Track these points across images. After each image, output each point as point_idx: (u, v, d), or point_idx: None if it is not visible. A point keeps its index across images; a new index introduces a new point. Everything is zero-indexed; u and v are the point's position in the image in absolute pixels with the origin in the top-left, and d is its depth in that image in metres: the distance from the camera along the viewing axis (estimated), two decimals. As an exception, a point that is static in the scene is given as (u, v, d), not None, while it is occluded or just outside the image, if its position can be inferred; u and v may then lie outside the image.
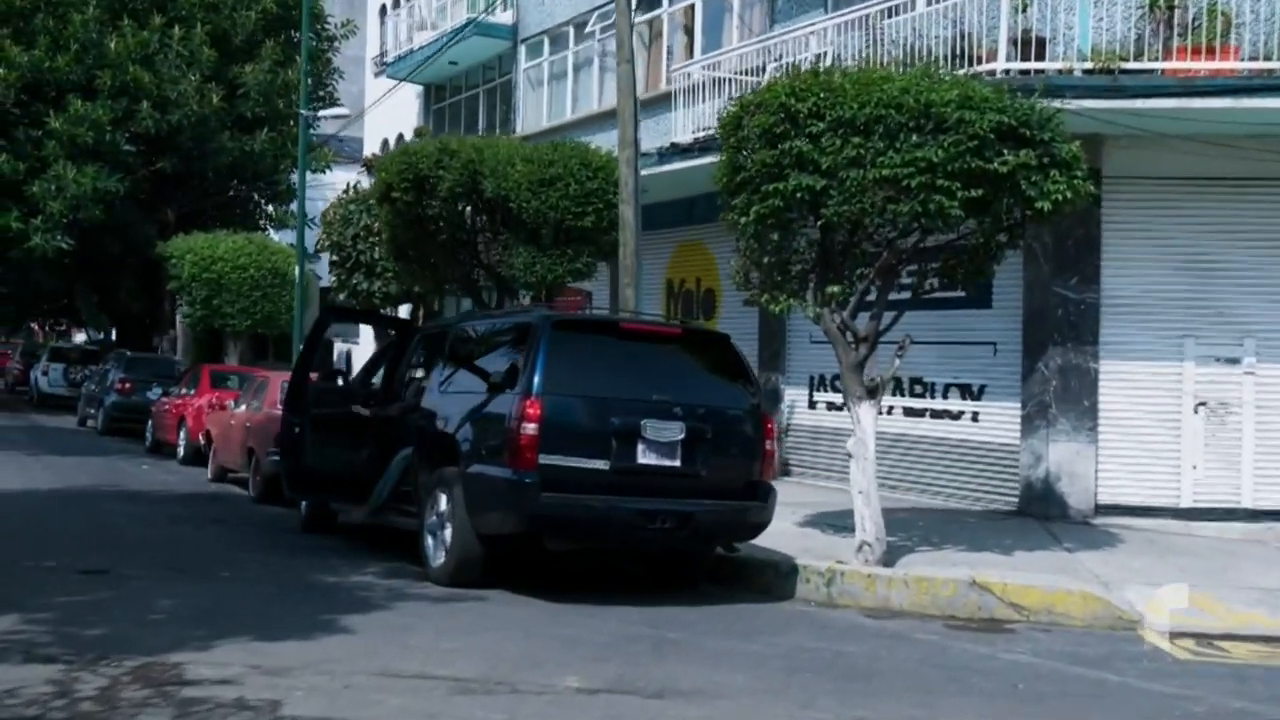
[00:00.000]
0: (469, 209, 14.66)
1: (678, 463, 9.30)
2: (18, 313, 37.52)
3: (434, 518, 9.77)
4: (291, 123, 30.41)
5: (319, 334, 11.93)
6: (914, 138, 9.56)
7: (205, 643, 7.00)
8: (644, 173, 17.01)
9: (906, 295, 10.92)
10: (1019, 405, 13.65)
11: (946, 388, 14.67)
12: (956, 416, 14.53)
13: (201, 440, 18.57)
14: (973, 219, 10.04)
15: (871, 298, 10.52)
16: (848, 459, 10.51)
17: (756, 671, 7.16)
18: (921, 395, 14.96)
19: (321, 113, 26.42)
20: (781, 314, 10.95)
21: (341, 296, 20.84)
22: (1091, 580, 9.87)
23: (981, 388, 14.25)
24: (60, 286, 32.78)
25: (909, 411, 15.11)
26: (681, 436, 9.27)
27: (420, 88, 29.01)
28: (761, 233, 10.49)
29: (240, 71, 30.11)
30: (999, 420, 13.98)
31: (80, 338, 46.13)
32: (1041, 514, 13.15)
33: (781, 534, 11.91)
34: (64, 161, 27.44)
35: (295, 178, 28.65)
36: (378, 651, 7.04)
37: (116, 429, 25.13)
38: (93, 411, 27.12)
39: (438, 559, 9.66)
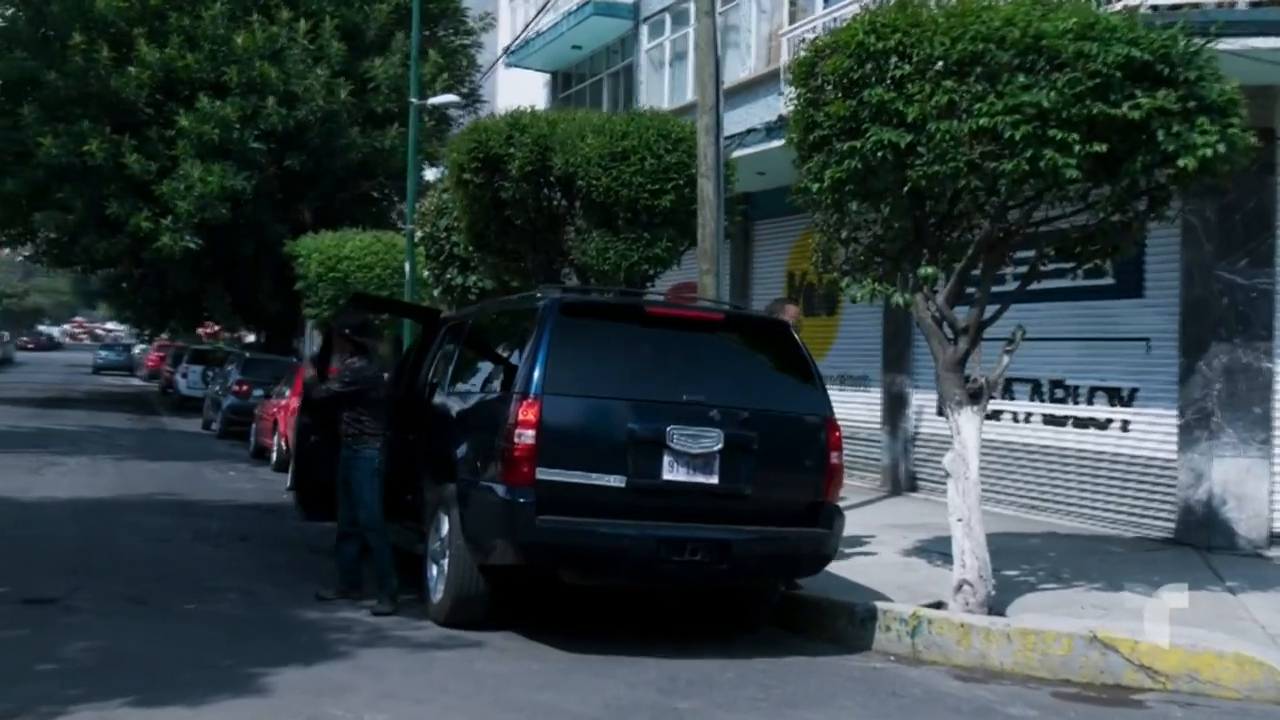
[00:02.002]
0: (544, 190, 13.06)
1: (714, 479, 7.53)
2: (160, 315, 37.59)
3: (436, 544, 8.22)
4: (425, 118, 29.44)
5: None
6: (1020, 78, 7.63)
7: (67, 706, 5.61)
8: (752, 150, 15.43)
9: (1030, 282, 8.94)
10: (1176, 413, 11.45)
11: (1092, 392, 12.52)
12: (1103, 425, 12.37)
13: (284, 445, 17.45)
14: (1104, 183, 8.07)
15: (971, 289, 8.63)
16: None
17: (761, 768, 5.39)
18: (1063, 400, 12.83)
19: (431, 100, 25.21)
20: (860, 302, 9.08)
21: (436, 293, 19.55)
22: (1256, 635, 7.78)
23: (1132, 392, 12.07)
24: (197, 287, 32.48)
25: (1049, 419, 13.00)
26: (719, 447, 7.51)
27: (547, 76, 27.72)
28: (840, 202, 8.70)
29: (370, 66, 29.26)
30: (1152, 430, 11.79)
31: (251, 339, 46.14)
32: (1203, 543, 10.96)
33: (880, 563, 10.20)
34: (192, 160, 26.96)
35: (426, 174, 27.68)
36: (274, 726, 5.51)
37: (233, 432, 24.38)
38: (214, 414, 26.52)
39: (436, 593, 8.10)
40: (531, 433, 7.19)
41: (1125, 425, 12.13)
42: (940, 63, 7.86)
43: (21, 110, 27.63)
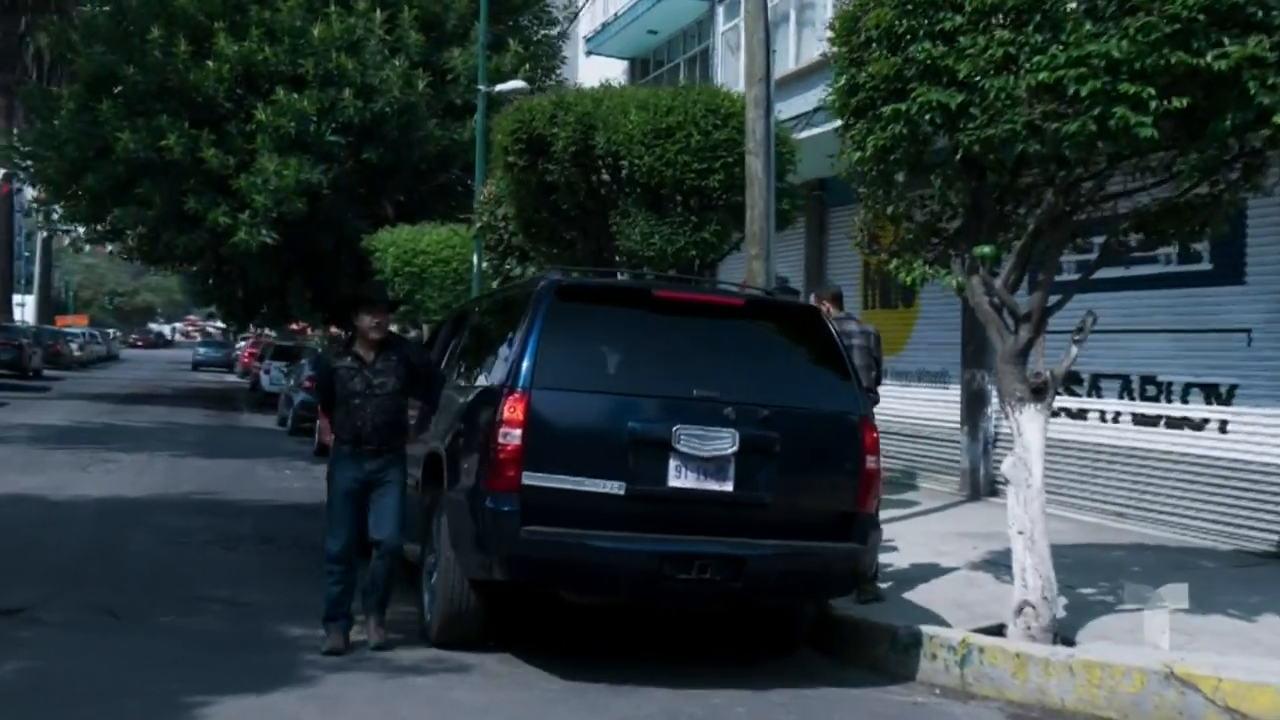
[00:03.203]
0: (591, 173, 12.25)
1: (729, 486, 6.62)
2: (245, 311, 37.51)
3: (431, 556, 7.43)
4: (506, 107, 28.82)
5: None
6: (1087, 26, 6.60)
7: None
8: (819, 130, 14.51)
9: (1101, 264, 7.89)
10: (1280, 412, 10.28)
11: (1186, 388, 11.34)
12: (1199, 426, 11.18)
13: (335, 441, 16.82)
14: (1188, 148, 7.00)
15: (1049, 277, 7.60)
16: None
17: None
18: (1155, 398, 11.67)
19: (499, 87, 24.53)
20: (913, 286, 8.09)
21: (495, 284, 18.88)
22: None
23: (1231, 389, 10.88)
24: (278, 283, 32.20)
25: (1139, 419, 11.83)
26: (733, 449, 6.59)
27: (626, 63, 26.93)
28: (886, 173, 7.72)
29: (450, 57, 28.72)
30: (1254, 431, 10.60)
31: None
32: (1310, 559, 9.79)
33: (941, 578, 9.23)
34: (268, 154, 26.62)
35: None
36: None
37: (303, 428, 23.91)
38: (287, 410, 26.13)
39: (430, 610, 7.31)
40: (518, 432, 6.35)
41: (1223, 426, 10.95)
42: (996, 10, 6.88)
43: (100, 105, 27.55)
